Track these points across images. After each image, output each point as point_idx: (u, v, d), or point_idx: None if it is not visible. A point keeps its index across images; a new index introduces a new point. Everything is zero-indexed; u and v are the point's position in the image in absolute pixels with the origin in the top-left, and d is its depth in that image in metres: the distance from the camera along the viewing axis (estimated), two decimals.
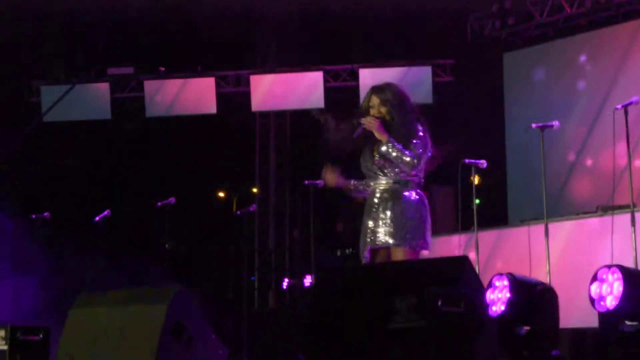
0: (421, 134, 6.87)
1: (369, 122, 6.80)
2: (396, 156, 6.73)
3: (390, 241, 6.84)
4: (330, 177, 7.15)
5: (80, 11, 15.36)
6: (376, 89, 7.03)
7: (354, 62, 16.59)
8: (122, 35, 16.10)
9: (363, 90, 15.77)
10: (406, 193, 6.84)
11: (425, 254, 6.99)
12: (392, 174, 6.84)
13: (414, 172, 6.81)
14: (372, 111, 6.93)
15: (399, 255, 6.82)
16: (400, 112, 6.88)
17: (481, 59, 15.76)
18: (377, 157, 6.89)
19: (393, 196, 6.85)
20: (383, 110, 6.90)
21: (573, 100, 14.55)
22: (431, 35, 15.63)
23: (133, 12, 15.49)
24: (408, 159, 6.72)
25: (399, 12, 15.30)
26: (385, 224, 6.86)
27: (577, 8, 14.46)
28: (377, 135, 6.80)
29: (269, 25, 17.48)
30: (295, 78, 16.87)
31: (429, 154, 6.90)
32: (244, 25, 16.74)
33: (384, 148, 6.77)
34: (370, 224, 6.95)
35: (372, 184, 6.98)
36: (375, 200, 6.94)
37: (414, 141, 6.79)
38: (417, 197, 6.88)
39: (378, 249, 6.94)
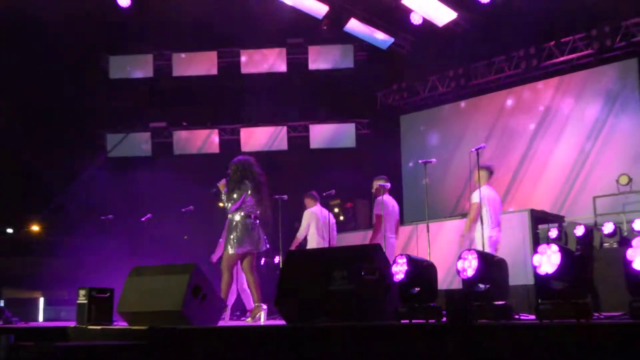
0: (240, 194, 7.68)
1: (220, 183, 7.86)
2: (224, 202, 7.76)
3: (226, 247, 7.71)
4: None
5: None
6: (229, 164, 7.92)
7: (306, 120, 16.16)
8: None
9: (313, 142, 15.75)
10: (233, 219, 7.73)
11: (243, 252, 7.67)
12: (228, 209, 7.78)
13: (233, 209, 7.71)
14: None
15: (225, 255, 7.69)
16: (230, 183, 7.79)
17: (387, 119, 15.92)
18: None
19: (229, 221, 7.80)
20: (230, 178, 7.82)
21: (444, 146, 14.74)
22: (355, 104, 15.80)
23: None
24: (226, 205, 7.74)
25: (339, 87, 15.38)
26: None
27: (447, 88, 14.75)
28: (221, 189, 7.86)
29: None
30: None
31: (250, 202, 7.69)
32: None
33: (222, 197, 7.80)
34: None
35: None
36: None
37: (234, 197, 7.70)
38: (238, 221, 7.69)
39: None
